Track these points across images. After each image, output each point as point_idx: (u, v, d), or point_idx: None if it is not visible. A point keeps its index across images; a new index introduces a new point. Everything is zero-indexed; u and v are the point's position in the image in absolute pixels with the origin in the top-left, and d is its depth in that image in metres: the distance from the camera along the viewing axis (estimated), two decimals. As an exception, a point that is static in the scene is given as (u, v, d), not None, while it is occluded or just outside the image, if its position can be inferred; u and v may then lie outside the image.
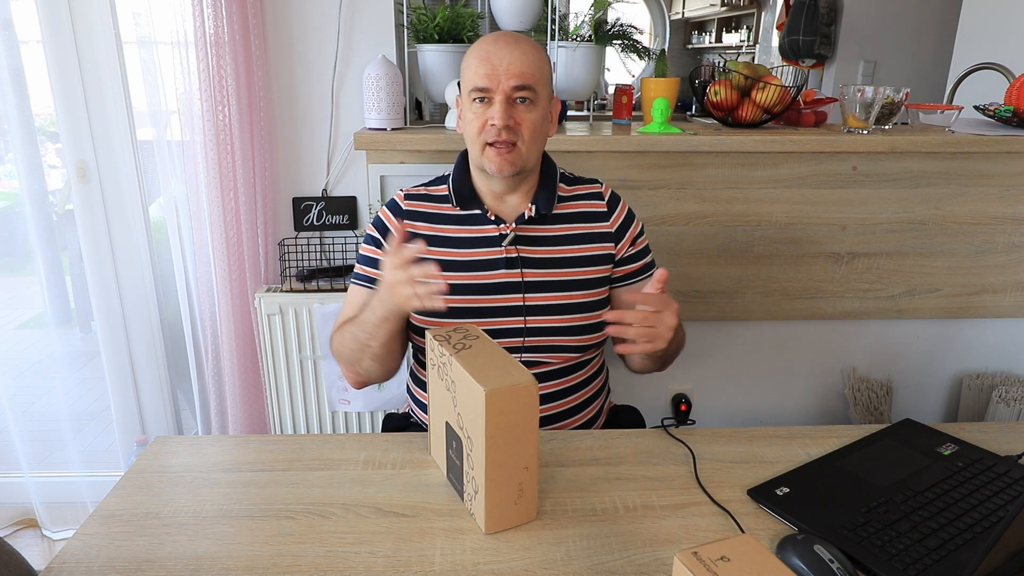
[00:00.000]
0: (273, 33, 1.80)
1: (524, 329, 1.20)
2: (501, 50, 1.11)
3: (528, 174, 1.21)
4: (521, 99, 1.12)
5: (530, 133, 1.13)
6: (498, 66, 1.11)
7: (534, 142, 1.15)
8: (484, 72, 1.11)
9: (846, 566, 0.77)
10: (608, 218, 1.25)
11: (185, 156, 1.80)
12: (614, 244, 1.25)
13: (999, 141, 1.72)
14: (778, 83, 1.77)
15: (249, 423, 1.97)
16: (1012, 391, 1.92)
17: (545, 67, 1.16)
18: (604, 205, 1.26)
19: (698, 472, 1.02)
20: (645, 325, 1.02)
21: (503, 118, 1.11)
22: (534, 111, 1.13)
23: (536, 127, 1.14)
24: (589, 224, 1.24)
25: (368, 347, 1.14)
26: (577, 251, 1.22)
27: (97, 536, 0.88)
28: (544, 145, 1.20)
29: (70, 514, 2.08)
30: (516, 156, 1.14)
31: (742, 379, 2.05)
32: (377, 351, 1.15)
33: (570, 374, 1.25)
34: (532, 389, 0.83)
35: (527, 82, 1.11)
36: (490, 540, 0.87)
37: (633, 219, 1.28)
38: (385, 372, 1.22)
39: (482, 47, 1.13)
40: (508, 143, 1.12)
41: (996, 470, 1.00)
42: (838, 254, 1.88)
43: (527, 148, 1.14)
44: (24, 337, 2.42)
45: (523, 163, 1.15)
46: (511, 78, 1.10)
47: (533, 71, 1.12)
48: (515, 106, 1.12)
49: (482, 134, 1.13)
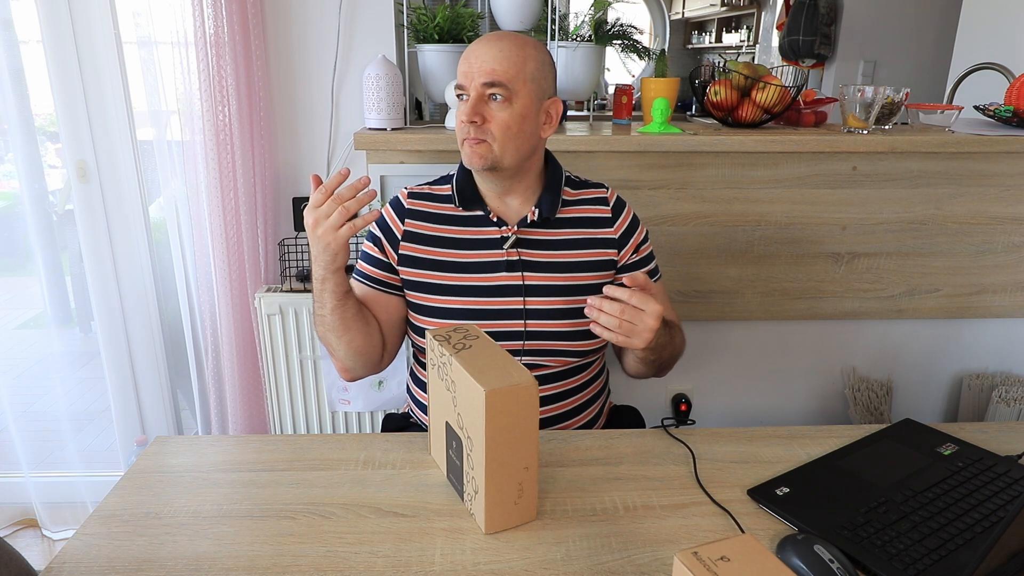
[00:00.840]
0: (273, 33, 1.80)
1: (524, 332, 1.19)
2: (481, 47, 1.13)
3: (515, 173, 1.18)
4: (492, 95, 1.12)
5: (501, 131, 1.12)
6: (473, 63, 1.12)
7: (508, 140, 1.13)
8: (463, 70, 1.14)
9: (846, 566, 0.77)
10: (612, 224, 1.24)
11: (185, 156, 1.80)
12: (617, 251, 1.24)
13: (999, 141, 1.72)
14: (778, 83, 1.77)
15: (249, 423, 1.97)
16: (1012, 391, 1.92)
17: (529, 64, 1.13)
18: (608, 211, 1.25)
19: (698, 472, 1.02)
20: (622, 318, 1.03)
21: (469, 114, 1.12)
22: (507, 109, 1.12)
23: (508, 125, 1.12)
24: (592, 229, 1.24)
25: (324, 319, 1.15)
26: (579, 256, 1.22)
27: (97, 536, 0.88)
28: (529, 145, 1.17)
29: (70, 514, 2.08)
30: (486, 150, 1.13)
31: (742, 379, 2.05)
32: (334, 323, 1.14)
33: (570, 377, 1.25)
34: (532, 389, 0.83)
35: (497, 79, 1.11)
36: (490, 540, 0.87)
37: (638, 226, 1.27)
38: (362, 359, 1.20)
39: (469, 48, 1.15)
40: (476, 139, 1.13)
41: (996, 470, 1.00)
42: (838, 254, 1.88)
43: (499, 145, 1.13)
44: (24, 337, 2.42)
45: (495, 159, 1.14)
46: (482, 75, 1.11)
47: (507, 68, 1.11)
48: (486, 103, 1.12)
49: (459, 130, 1.15)
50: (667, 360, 1.22)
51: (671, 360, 1.24)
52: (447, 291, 1.20)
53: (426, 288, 1.21)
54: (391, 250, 1.23)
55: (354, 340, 1.17)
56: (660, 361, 1.18)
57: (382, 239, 1.24)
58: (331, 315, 1.14)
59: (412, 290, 1.23)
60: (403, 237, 1.22)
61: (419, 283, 1.22)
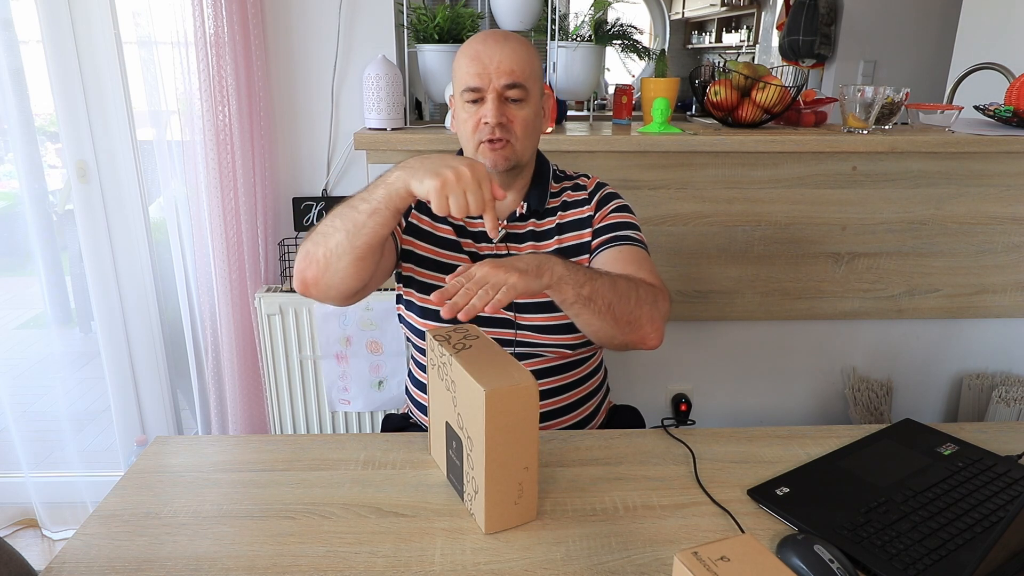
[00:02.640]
0: (273, 33, 1.80)
1: (515, 324, 1.20)
2: (491, 48, 1.12)
3: (522, 170, 1.22)
4: (513, 98, 1.13)
5: (523, 129, 1.15)
6: (488, 64, 1.11)
7: (527, 138, 1.16)
8: (475, 71, 1.12)
9: (846, 566, 0.77)
10: (588, 203, 1.25)
11: (185, 156, 1.80)
12: (591, 229, 1.23)
13: (999, 141, 1.72)
14: (778, 83, 1.77)
15: (249, 423, 1.97)
16: (1012, 391, 1.92)
17: (535, 63, 1.16)
18: (586, 194, 1.27)
19: (698, 472, 1.02)
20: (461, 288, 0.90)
21: (495, 115, 1.12)
22: (525, 108, 1.14)
23: (528, 123, 1.15)
24: (570, 211, 1.25)
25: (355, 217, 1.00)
26: (563, 241, 1.23)
27: (97, 536, 0.88)
28: (538, 140, 1.21)
29: (70, 514, 2.08)
30: (510, 151, 1.15)
31: (742, 379, 2.05)
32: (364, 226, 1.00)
33: (563, 372, 1.24)
34: (532, 389, 0.83)
35: (518, 80, 1.12)
36: (490, 540, 0.87)
37: (613, 198, 1.25)
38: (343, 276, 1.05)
39: (472, 46, 1.14)
40: (502, 140, 1.13)
41: (996, 470, 1.00)
42: (838, 254, 1.88)
43: (520, 144, 1.16)
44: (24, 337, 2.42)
45: (517, 158, 1.17)
46: (501, 76, 1.11)
47: (523, 68, 1.12)
48: (507, 104, 1.13)
49: (476, 133, 1.15)
50: (622, 311, 1.03)
51: (629, 311, 1.04)
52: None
53: (427, 288, 1.21)
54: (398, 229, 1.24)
55: (362, 253, 1.03)
56: (604, 309, 1.01)
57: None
58: (370, 219, 0.99)
59: (411, 288, 1.23)
60: (406, 230, 1.24)
61: (418, 282, 1.22)
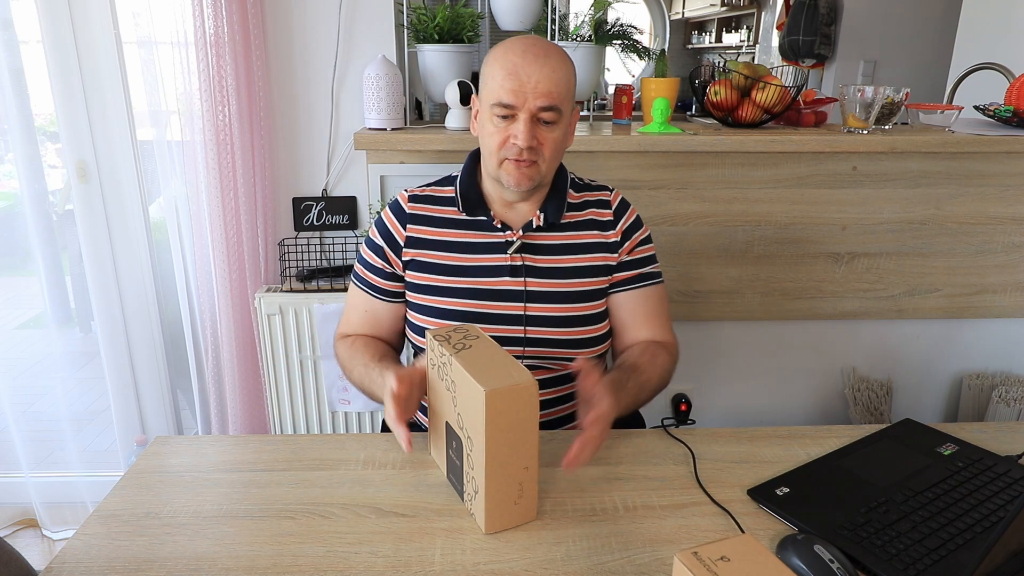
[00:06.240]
0: (273, 33, 1.80)
1: (524, 339, 1.18)
2: (530, 65, 1.06)
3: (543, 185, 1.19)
4: (546, 120, 1.09)
5: (551, 151, 1.11)
6: (526, 83, 1.06)
7: (554, 159, 1.13)
8: (511, 87, 1.06)
9: (846, 566, 0.77)
10: (614, 227, 1.23)
11: (185, 156, 1.80)
12: (615, 255, 1.22)
13: (999, 141, 1.72)
14: (778, 83, 1.77)
15: (249, 423, 1.97)
16: (1012, 391, 1.92)
17: (572, 81, 1.11)
18: (611, 214, 1.23)
19: (698, 472, 1.02)
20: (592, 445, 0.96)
21: (527, 139, 1.07)
22: (557, 130, 1.10)
23: (558, 145, 1.12)
24: (594, 232, 1.22)
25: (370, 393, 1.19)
26: (581, 260, 1.20)
27: (97, 536, 0.88)
28: (562, 157, 1.18)
29: (70, 514, 2.08)
30: (535, 172, 1.12)
31: (742, 379, 2.05)
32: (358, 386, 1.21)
33: (570, 381, 1.23)
34: (532, 389, 0.83)
35: (554, 102, 1.07)
36: (490, 540, 0.87)
37: (639, 227, 1.25)
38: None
39: (509, 58, 1.07)
40: (529, 161, 1.10)
41: (996, 470, 1.00)
42: (838, 254, 1.88)
43: (547, 165, 1.12)
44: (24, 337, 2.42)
45: (541, 178, 1.14)
46: (538, 98, 1.06)
47: (561, 89, 1.07)
48: (539, 125, 1.09)
49: (502, 149, 1.10)
50: (655, 392, 1.18)
51: (659, 388, 1.20)
52: (448, 293, 1.19)
53: (428, 290, 1.20)
54: (395, 257, 1.21)
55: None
56: (644, 401, 1.17)
57: (384, 247, 1.22)
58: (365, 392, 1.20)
59: (414, 291, 1.22)
60: (406, 243, 1.21)
61: (421, 285, 1.21)
